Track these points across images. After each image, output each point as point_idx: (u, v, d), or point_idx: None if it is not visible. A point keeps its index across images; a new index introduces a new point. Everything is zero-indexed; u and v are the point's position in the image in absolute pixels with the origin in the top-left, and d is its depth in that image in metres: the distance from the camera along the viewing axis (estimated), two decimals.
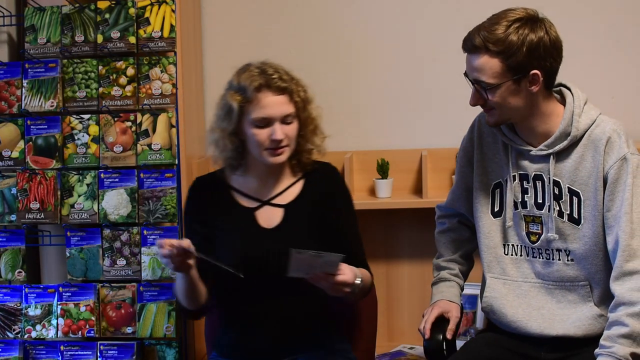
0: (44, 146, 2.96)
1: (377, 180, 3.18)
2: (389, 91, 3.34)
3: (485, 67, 2.07)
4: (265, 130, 2.21)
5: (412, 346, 3.24)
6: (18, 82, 2.98)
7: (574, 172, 2.14)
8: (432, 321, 2.29)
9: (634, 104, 3.21)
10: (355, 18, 3.34)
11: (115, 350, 2.92)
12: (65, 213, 2.95)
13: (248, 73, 2.24)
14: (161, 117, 2.92)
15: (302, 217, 2.31)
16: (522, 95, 2.10)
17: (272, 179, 2.33)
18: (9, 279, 3.01)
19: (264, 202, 2.33)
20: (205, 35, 3.41)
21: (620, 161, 2.09)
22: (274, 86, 2.21)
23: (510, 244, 2.25)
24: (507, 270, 2.25)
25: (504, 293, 2.25)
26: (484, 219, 2.28)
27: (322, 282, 2.10)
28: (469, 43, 2.10)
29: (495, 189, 2.27)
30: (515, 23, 2.06)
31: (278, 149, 2.23)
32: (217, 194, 2.35)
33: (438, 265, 2.42)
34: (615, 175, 2.09)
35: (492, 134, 2.27)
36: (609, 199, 2.10)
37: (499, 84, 2.08)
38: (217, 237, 2.32)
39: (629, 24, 3.19)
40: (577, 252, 2.16)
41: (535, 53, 2.06)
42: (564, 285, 2.19)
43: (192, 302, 2.28)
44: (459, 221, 2.43)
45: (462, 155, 2.37)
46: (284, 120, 2.22)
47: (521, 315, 2.22)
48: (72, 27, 2.96)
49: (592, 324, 2.15)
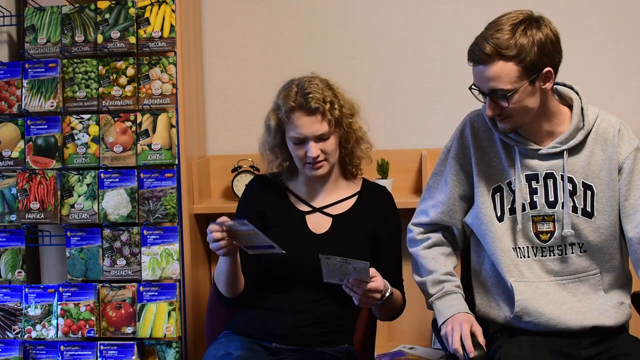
0: (44, 146, 2.97)
1: (377, 180, 3.18)
2: (389, 91, 3.34)
3: (502, 73, 2.05)
4: (302, 147, 2.34)
5: (412, 346, 3.24)
6: (18, 82, 2.98)
7: (587, 166, 2.18)
8: (469, 336, 2.14)
9: (634, 104, 3.21)
10: (355, 18, 3.34)
11: (115, 350, 2.92)
12: (65, 213, 2.95)
13: (286, 92, 2.35)
14: (161, 117, 2.92)
15: (349, 228, 2.41)
16: (536, 95, 2.11)
17: (321, 188, 2.45)
18: (9, 279, 3.01)
19: (316, 209, 2.43)
20: (205, 35, 3.41)
21: (635, 151, 2.17)
22: (306, 107, 2.30)
23: (519, 246, 2.23)
24: (524, 273, 2.22)
25: (531, 294, 2.20)
26: (494, 223, 2.24)
27: (354, 289, 2.15)
28: (479, 53, 2.07)
29: (495, 194, 2.26)
30: (519, 25, 2.06)
31: (316, 164, 2.34)
32: (274, 192, 2.47)
33: (436, 280, 2.29)
34: (632, 165, 2.16)
35: (488, 138, 2.26)
36: (626, 188, 2.16)
37: (517, 88, 2.07)
38: (267, 232, 2.37)
39: (629, 24, 3.19)
40: (592, 243, 2.19)
41: (545, 50, 2.07)
42: (578, 277, 2.21)
43: (232, 289, 2.36)
44: (443, 235, 2.36)
45: (452, 164, 2.31)
46: (319, 137, 2.32)
47: (556, 311, 2.18)
48: (72, 27, 2.96)
49: (617, 311, 2.19)
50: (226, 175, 3.33)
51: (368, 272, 2.11)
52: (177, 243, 2.92)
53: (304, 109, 2.30)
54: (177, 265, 2.91)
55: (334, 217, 2.43)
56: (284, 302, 2.37)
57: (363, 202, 2.46)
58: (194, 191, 3.14)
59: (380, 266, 2.30)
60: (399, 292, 2.40)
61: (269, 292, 2.40)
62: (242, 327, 2.41)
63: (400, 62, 3.32)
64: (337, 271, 2.11)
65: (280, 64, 3.36)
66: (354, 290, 2.15)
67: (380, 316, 2.45)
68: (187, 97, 3.08)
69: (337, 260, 2.08)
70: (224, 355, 2.27)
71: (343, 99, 2.37)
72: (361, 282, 2.13)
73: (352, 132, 2.40)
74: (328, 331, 2.38)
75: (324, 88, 2.34)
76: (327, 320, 2.38)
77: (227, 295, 2.39)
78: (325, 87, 2.34)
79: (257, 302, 2.41)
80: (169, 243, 2.91)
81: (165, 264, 2.91)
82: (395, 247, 2.47)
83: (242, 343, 2.34)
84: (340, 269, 2.11)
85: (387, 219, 2.45)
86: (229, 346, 2.32)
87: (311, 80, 2.35)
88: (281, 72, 2.51)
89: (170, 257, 2.91)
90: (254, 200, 2.47)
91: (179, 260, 2.92)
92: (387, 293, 2.24)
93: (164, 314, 2.91)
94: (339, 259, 2.08)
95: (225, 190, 3.39)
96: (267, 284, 2.41)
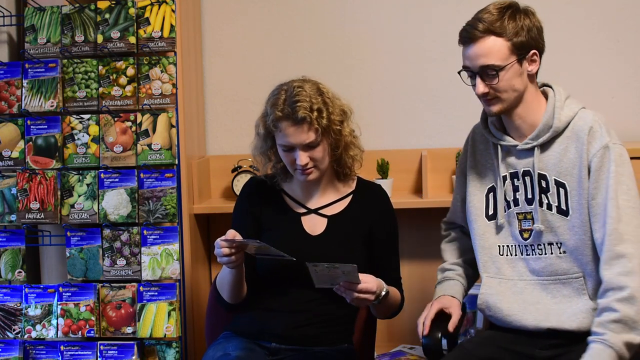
0: (44, 146, 2.97)
1: (377, 180, 3.18)
2: (389, 91, 3.34)
3: (493, 49, 2.13)
4: (291, 154, 2.33)
5: (412, 346, 3.25)
6: (18, 82, 2.98)
7: (559, 164, 2.19)
8: (432, 317, 2.30)
9: (634, 104, 3.21)
10: (355, 18, 3.34)
11: (115, 350, 2.92)
12: (65, 213, 2.96)
13: (274, 99, 2.32)
14: (161, 117, 2.92)
15: (344, 229, 2.41)
16: (523, 76, 2.18)
17: (316, 189, 2.44)
18: (9, 279, 3.01)
19: (311, 210, 2.43)
20: (205, 35, 3.41)
21: (602, 149, 2.14)
22: (292, 117, 2.27)
23: (504, 244, 2.28)
24: (502, 270, 2.28)
25: (500, 290, 2.27)
26: (478, 221, 2.33)
27: (347, 292, 2.17)
28: (471, 31, 2.16)
29: (489, 193, 2.32)
30: (507, 10, 2.16)
31: (305, 170, 2.33)
32: (269, 194, 2.47)
33: (442, 268, 2.45)
34: (599, 163, 2.13)
35: (484, 141, 2.34)
36: (593, 186, 2.15)
37: (505, 65, 2.14)
38: (263, 235, 2.42)
39: (629, 24, 3.19)
40: (569, 243, 2.19)
41: (531, 34, 2.16)
42: (559, 279, 2.21)
43: (236, 296, 2.38)
44: (461, 231, 2.48)
45: (457, 169, 2.47)
46: (308, 146, 2.30)
47: (516, 309, 2.24)
48: (72, 27, 2.96)
49: (585, 317, 2.16)
50: (226, 175, 3.33)
51: (357, 274, 2.12)
52: (177, 243, 2.92)
53: (291, 119, 2.27)
54: (177, 265, 2.91)
55: (329, 218, 2.43)
56: (283, 303, 2.37)
57: (358, 202, 2.46)
58: (194, 191, 3.14)
59: (377, 265, 2.32)
60: (396, 290, 2.41)
61: (268, 293, 2.40)
62: (242, 327, 2.41)
63: (400, 62, 3.32)
64: (326, 276, 2.13)
65: (280, 64, 3.36)
66: (346, 293, 2.18)
67: (378, 314, 2.46)
68: (187, 97, 3.08)
69: (324, 266, 2.10)
70: (223, 356, 2.28)
71: (332, 105, 2.34)
72: (352, 284, 2.15)
73: (342, 137, 2.37)
74: (327, 331, 2.38)
75: (313, 95, 2.30)
76: (326, 319, 2.38)
77: (230, 301, 2.40)
78: (314, 94, 2.30)
79: (256, 303, 2.42)
80: (169, 243, 2.91)
81: (165, 264, 2.91)
82: (391, 246, 2.47)
83: (241, 343, 2.34)
84: (329, 274, 2.12)
85: (383, 217, 2.46)
86: (227, 347, 2.33)
87: (300, 86, 2.31)
88: (281, 72, 2.50)
89: (170, 257, 2.91)
90: (250, 203, 2.47)
91: (179, 260, 2.92)
92: (383, 292, 2.25)
93: (164, 314, 2.91)
94: (326, 264, 2.10)
95: (225, 190, 3.39)
96: (265, 286, 2.41)
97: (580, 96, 2.29)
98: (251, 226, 2.44)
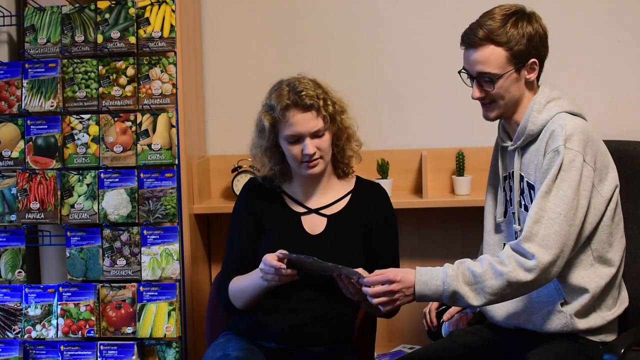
0: (44, 146, 2.96)
1: (377, 180, 3.17)
2: (389, 91, 3.34)
3: (491, 57, 2.14)
4: (297, 146, 2.34)
5: (412, 346, 3.24)
6: (18, 82, 2.98)
7: (530, 166, 2.21)
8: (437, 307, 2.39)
9: (634, 104, 3.21)
10: (355, 19, 3.34)
11: (115, 350, 2.92)
12: (65, 213, 2.95)
13: (278, 92, 2.36)
14: (161, 117, 2.92)
15: (344, 228, 2.42)
16: (520, 84, 2.19)
17: (316, 188, 2.46)
18: (9, 279, 3.01)
19: (311, 210, 2.44)
20: (205, 35, 3.41)
21: (553, 152, 2.12)
22: (301, 104, 2.31)
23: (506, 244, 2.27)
24: None
25: None
26: (488, 218, 2.39)
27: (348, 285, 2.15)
28: (471, 37, 2.16)
29: (497, 192, 2.37)
30: (512, 17, 2.16)
31: (312, 162, 2.35)
32: (268, 194, 2.48)
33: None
34: (546, 165, 2.13)
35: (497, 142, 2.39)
36: (537, 187, 2.15)
37: (503, 74, 2.15)
38: (263, 235, 2.43)
39: (628, 24, 3.19)
40: None
41: (533, 43, 2.16)
42: None
43: (251, 305, 2.39)
44: None
45: None
46: (315, 134, 2.33)
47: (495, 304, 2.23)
48: (72, 27, 2.96)
49: (551, 319, 2.17)
50: (226, 175, 3.33)
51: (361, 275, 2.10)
52: (177, 243, 2.92)
53: (299, 106, 2.32)
54: (177, 265, 2.91)
55: (328, 217, 2.43)
56: (283, 303, 2.37)
57: (357, 201, 2.47)
58: (194, 191, 3.14)
59: (377, 264, 2.32)
60: None
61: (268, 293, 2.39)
62: (242, 328, 2.42)
63: (401, 62, 3.32)
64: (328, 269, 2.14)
65: (280, 64, 3.35)
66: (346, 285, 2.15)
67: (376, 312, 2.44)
68: (187, 97, 3.08)
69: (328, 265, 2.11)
70: (223, 356, 2.28)
71: (333, 96, 2.40)
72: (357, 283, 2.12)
73: (344, 129, 2.42)
74: (327, 331, 2.38)
75: (314, 86, 2.36)
76: (326, 319, 2.38)
77: (241, 308, 2.41)
78: (315, 86, 2.37)
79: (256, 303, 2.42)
80: (169, 243, 2.91)
81: (165, 264, 2.91)
82: (391, 245, 2.47)
83: (240, 344, 2.34)
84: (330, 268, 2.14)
85: (382, 216, 2.46)
86: (227, 347, 2.33)
87: (300, 79, 2.37)
88: (281, 72, 2.50)
89: (170, 257, 2.91)
90: (250, 204, 2.48)
91: (179, 260, 2.92)
92: None
93: (164, 314, 2.91)
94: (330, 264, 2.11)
95: (225, 190, 3.39)
96: None
97: (580, 96, 2.30)
98: (252, 226, 2.45)
